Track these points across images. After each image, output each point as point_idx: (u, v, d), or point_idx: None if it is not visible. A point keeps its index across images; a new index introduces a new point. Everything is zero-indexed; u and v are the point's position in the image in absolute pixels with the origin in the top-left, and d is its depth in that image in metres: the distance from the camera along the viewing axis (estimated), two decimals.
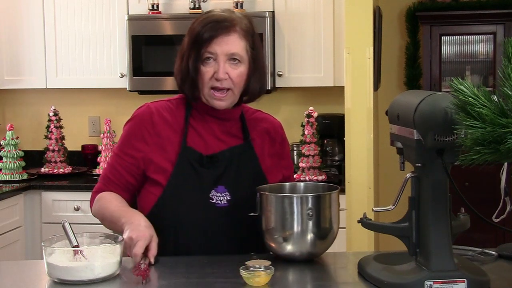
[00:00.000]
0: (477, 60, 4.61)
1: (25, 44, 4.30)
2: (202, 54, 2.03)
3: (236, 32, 2.04)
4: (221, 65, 2.02)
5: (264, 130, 2.18)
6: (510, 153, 1.38)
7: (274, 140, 2.19)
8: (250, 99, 2.15)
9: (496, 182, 2.23)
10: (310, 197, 1.92)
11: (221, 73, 2.02)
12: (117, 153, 2.14)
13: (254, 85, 2.10)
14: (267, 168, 2.13)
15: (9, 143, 4.09)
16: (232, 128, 2.13)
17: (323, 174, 3.89)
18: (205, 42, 2.02)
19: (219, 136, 2.11)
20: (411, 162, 1.74)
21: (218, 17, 2.05)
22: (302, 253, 1.92)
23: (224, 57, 2.02)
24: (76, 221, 3.71)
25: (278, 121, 2.25)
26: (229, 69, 2.03)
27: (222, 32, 2.02)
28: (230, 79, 2.03)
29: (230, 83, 2.04)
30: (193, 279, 1.82)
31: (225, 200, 2.05)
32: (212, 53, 2.02)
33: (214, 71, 2.02)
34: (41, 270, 1.83)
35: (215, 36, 2.02)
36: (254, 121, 2.18)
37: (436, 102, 1.63)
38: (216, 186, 2.04)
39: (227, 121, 2.12)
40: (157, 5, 4.10)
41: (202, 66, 2.04)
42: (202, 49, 2.02)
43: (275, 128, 2.21)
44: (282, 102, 4.36)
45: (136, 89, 4.17)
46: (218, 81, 2.02)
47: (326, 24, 3.98)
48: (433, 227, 1.69)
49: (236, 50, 2.03)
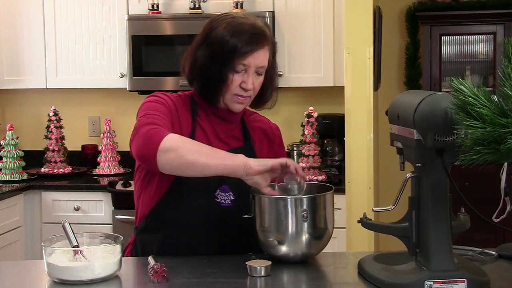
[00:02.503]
0: (477, 60, 4.62)
1: (25, 44, 4.30)
2: (236, 65, 2.03)
3: (268, 45, 2.07)
4: (250, 77, 2.05)
5: (262, 132, 2.21)
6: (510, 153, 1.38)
7: (272, 142, 2.23)
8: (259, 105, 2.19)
9: (496, 182, 2.22)
10: (304, 199, 1.91)
11: (249, 85, 2.04)
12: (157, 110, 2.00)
13: (269, 93, 2.16)
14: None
15: (9, 143, 4.09)
16: (233, 131, 2.15)
17: (323, 174, 3.89)
18: (242, 55, 2.02)
19: (222, 137, 2.12)
20: (411, 162, 1.74)
21: (253, 29, 2.03)
22: (297, 254, 1.91)
23: (254, 69, 2.05)
24: (76, 221, 3.72)
25: (275, 124, 2.28)
26: (254, 79, 2.06)
27: (260, 47, 2.04)
28: (254, 89, 2.08)
29: (252, 93, 2.08)
30: (193, 279, 1.82)
31: (229, 200, 2.06)
32: (245, 65, 2.03)
33: (242, 81, 2.04)
34: (41, 270, 1.83)
35: (253, 50, 2.02)
36: (253, 123, 2.21)
37: (436, 102, 1.63)
38: (221, 186, 2.05)
39: (230, 123, 2.14)
40: (157, 5, 4.10)
41: (231, 75, 2.04)
42: (237, 60, 2.02)
43: (272, 131, 2.24)
44: (282, 102, 4.33)
45: (136, 89, 4.17)
46: (245, 90, 2.05)
47: (326, 24, 3.98)
48: (433, 227, 1.69)
49: (265, 63, 2.07)
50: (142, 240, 2.11)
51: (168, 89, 3.93)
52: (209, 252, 2.03)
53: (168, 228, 2.06)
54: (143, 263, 1.88)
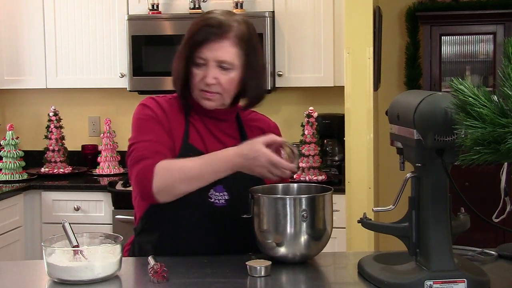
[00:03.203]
0: (477, 60, 4.62)
1: (25, 44, 4.30)
2: (195, 58, 2.03)
3: (229, 39, 2.03)
4: (210, 71, 2.02)
5: (259, 131, 2.17)
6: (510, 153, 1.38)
7: None
8: (251, 104, 2.15)
9: (496, 182, 2.23)
10: (303, 198, 1.90)
11: (209, 79, 2.02)
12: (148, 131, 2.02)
13: (252, 91, 2.10)
14: None
15: (9, 143, 4.09)
16: (228, 129, 2.14)
17: (323, 174, 3.89)
18: (197, 45, 2.02)
19: (217, 135, 2.11)
20: (411, 162, 1.74)
21: (214, 21, 2.04)
22: (295, 255, 1.91)
23: (214, 63, 2.02)
24: (76, 221, 3.71)
25: (273, 122, 2.25)
26: (219, 74, 2.03)
27: (214, 39, 2.02)
28: (220, 84, 2.04)
29: (219, 88, 2.04)
30: (193, 279, 1.82)
31: (223, 200, 2.05)
32: (202, 58, 2.03)
33: (204, 75, 2.03)
34: (41, 270, 1.83)
35: (206, 41, 2.02)
36: (250, 122, 2.19)
37: (436, 102, 1.63)
38: (216, 186, 2.04)
39: (223, 121, 2.13)
40: (157, 5, 4.10)
41: (193, 69, 2.04)
42: (195, 53, 2.03)
43: (270, 129, 2.20)
44: (282, 102, 4.36)
45: (136, 89, 4.17)
46: (208, 85, 2.03)
47: (326, 24, 3.98)
48: (433, 227, 1.69)
49: (226, 57, 2.02)
50: (139, 241, 2.12)
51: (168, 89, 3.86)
52: (205, 252, 2.02)
53: (163, 229, 2.05)
54: (143, 263, 1.88)
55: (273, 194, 2.00)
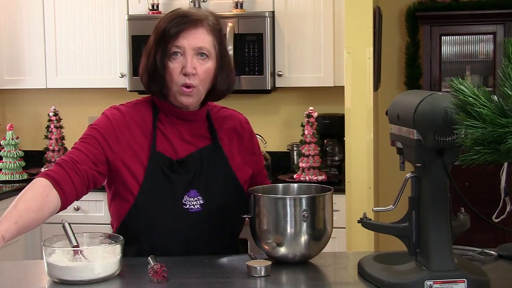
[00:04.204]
0: (477, 60, 4.61)
1: (25, 44, 4.30)
2: (169, 49, 2.01)
3: (204, 26, 2.02)
4: (188, 59, 2.00)
5: (231, 128, 2.15)
6: (510, 153, 1.38)
7: (242, 136, 2.16)
8: (216, 97, 2.12)
9: (496, 182, 2.23)
10: (304, 198, 1.90)
11: (189, 67, 1.99)
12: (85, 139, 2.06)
13: (221, 84, 2.08)
14: (236, 166, 2.10)
15: (9, 143, 4.09)
16: (199, 129, 2.11)
17: (323, 174, 3.89)
18: (172, 36, 2.00)
19: (187, 138, 2.08)
20: (411, 162, 1.74)
21: (185, 12, 2.04)
22: (296, 255, 1.90)
23: (192, 51, 2.00)
24: (76, 221, 3.70)
25: (243, 116, 2.22)
26: (196, 64, 2.01)
27: (189, 26, 2.00)
28: (197, 75, 2.01)
29: (197, 80, 2.01)
30: (193, 279, 1.82)
31: (198, 205, 2.02)
32: (179, 47, 2.00)
33: (182, 66, 2.00)
34: (41, 270, 1.83)
35: (182, 30, 2.00)
36: (220, 120, 2.15)
37: (436, 102, 1.63)
38: (188, 191, 2.02)
39: (194, 122, 2.09)
40: (157, 5, 4.10)
41: (169, 62, 2.01)
42: (169, 44, 2.00)
43: (241, 124, 2.18)
44: (282, 102, 4.36)
45: (136, 89, 4.16)
46: (186, 76, 2.00)
47: (326, 24, 3.98)
48: (433, 227, 1.69)
49: (203, 44, 2.01)
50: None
51: None
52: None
53: (140, 240, 2.02)
54: (143, 263, 1.87)
55: (273, 194, 2.00)
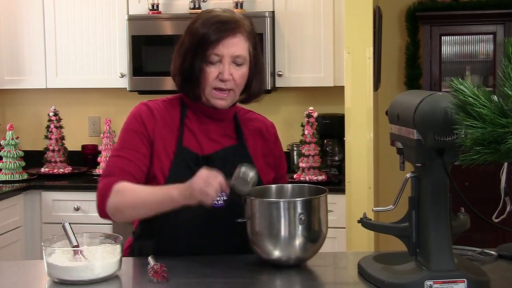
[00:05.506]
0: (477, 60, 4.61)
1: (25, 44, 4.30)
2: (208, 56, 2.03)
3: (242, 33, 2.05)
4: (226, 67, 2.03)
5: (256, 130, 2.18)
6: (510, 153, 1.38)
7: (267, 140, 2.19)
8: (249, 99, 2.16)
9: (496, 182, 2.23)
10: (298, 202, 1.89)
11: (226, 75, 2.03)
12: (126, 147, 2.07)
13: (255, 86, 2.12)
14: (260, 168, 2.11)
15: (9, 143, 4.09)
16: (226, 129, 2.14)
17: (323, 174, 3.89)
18: (212, 43, 2.02)
19: (213, 137, 2.11)
20: (411, 162, 1.74)
21: (223, 18, 2.05)
22: (290, 258, 1.89)
23: (229, 59, 2.03)
24: (76, 221, 3.71)
25: (270, 121, 2.26)
26: (232, 70, 2.04)
27: (229, 34, 2.03)
28: (233, 80, 2.05)
29: (233, 84, 2.05)
30: (193, 279, 1.82)
31: (222, 201, 2.05)
32: (218, 55, 2.03)
33: (219, 72, 2.03)
34: (41, 270, 1.84)
35: (222, 38, 2.02)
36: (247, 121, 2.19)
37: (436, 102, 1.63)
38: None
39: (222, 121, 2.13)
40: (157, 5, 4.10)
41: (206, 67, 2.04)
42: (208, 51, 2.03)
43: (267, 128, 2.21)
44: (282, 102, 4.36)
45: (136, 89, 4.17)
46: (223, 82, 2.04)
47: (326, 24, 3.98)
48: (433, 227, 1.69)
49: (241, 52, 2.05)
50: (139, 245, 2.11)
51: (168, 89, 3.92)
52: (205, 253, 2.02)
53: (162, 233, 2.05)
54: (143, 263, 1.88)
55: (266, 197, 2.00)
